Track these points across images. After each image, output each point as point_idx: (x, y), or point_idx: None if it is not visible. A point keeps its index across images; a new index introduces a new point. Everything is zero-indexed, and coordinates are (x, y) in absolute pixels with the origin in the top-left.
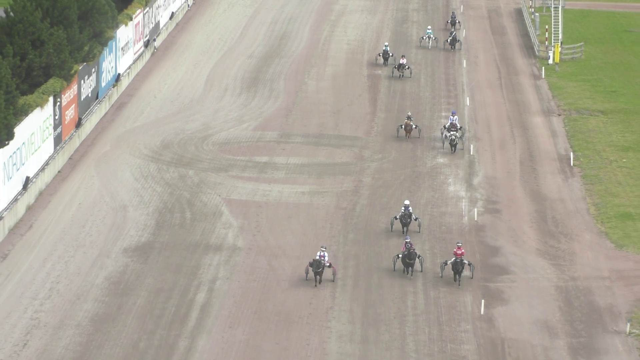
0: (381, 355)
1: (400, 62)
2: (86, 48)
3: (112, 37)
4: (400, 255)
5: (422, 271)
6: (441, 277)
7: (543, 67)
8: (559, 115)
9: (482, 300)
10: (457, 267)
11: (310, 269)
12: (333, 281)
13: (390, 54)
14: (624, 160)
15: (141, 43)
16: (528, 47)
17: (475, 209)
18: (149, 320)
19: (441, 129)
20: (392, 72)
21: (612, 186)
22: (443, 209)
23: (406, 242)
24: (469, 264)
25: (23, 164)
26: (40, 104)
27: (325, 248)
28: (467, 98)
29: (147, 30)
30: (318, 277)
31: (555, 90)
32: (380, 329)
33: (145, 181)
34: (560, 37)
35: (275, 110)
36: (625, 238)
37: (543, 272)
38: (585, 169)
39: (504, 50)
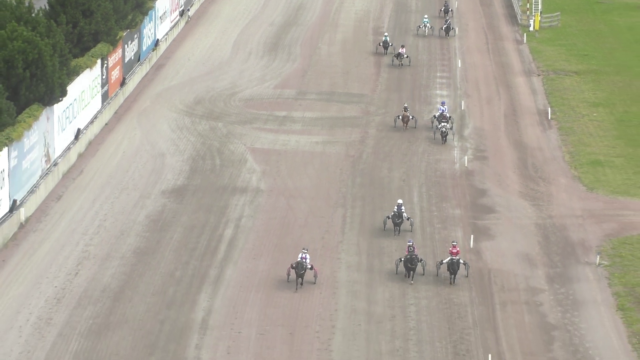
0: (384, 282)
1: (400, 51)
2: (129, 17)
3: (152, 7)
4: (402, 259)
5: (423, 274)
6: (437, 275)
7: (525, 34)
8: (539, 75)
9: (472, 236)
10: (454, 267)
11: (293, 271)
12: (314, 283)
13: (390, 44)
14: (595, 114)
15: (177, 12)
16: (512, 17)
17: (466, 157)
18: (183, 252)
19: (431, 118)
20: (392, 61)
21: (584, 137)
22: (438, 156)
23: (409, 246)
24: (465, 264)
25: (75, 118)
26: (90, 65)
27: (307, 250)
28: (459, 60)
29: (182, 1)
30: (300, 279)
31: (535, 54)
32: (383, 260)
33: (181, 132)
34: (539, 7)
35: (293, 71)
36: (596, 182)
37: (524, 211)
38: (561, 121)
39: (490, 20)
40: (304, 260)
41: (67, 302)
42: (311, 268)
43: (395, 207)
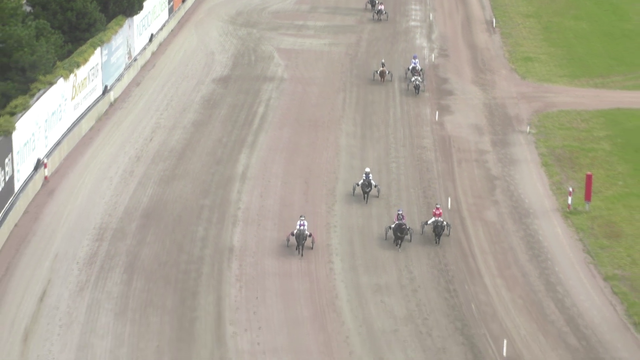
0: (373, 146)
1: (379, 8)
2: None
3: None
4: (392, 227)
5: (410, 241)
6: (421, 234)
7: None
8: None
9: (437, 112)
10: (438, 230)
11: (292, 237)
12: (312, 248)
13: (377, 1)
14: (527, 23)
15: None
16: None
17: (433, 54)
18: (228, 124)
19: (405, 70)
20: (373, 17)
21: (519, 39)
22: (412, 53)
23: (398, 214)
24: (448, 225)
25: (149, 25)
26: None
27: (304, 217)
28: None
29: None
30: (300, 247)
31: None
32: (372, 129)
33: (226, 36)
34: None
35: None
36: (527, 73)
37: (475, 94)
38: (503, 28)
39: None
40: (302, 227)
41: (145, 159)
42: (310, 235)
43: (364, 176)
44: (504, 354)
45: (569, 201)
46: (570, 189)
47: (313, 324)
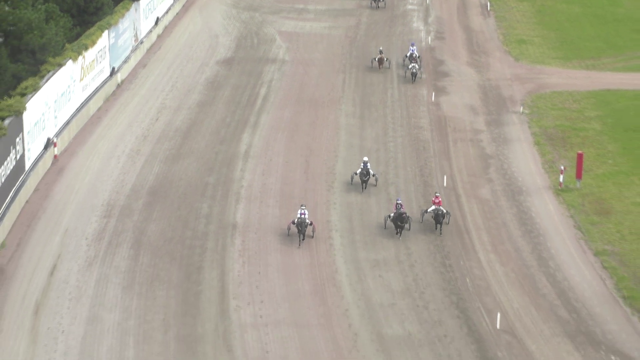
0: (372, 125)
1: None
2: None
3: None
4: (391, 216)
5: (409, 229)
6: (421, 222)
7: None
8: None
9: (433, 92)
10: (439, 218)
11: (293, 226)
12: (312, 237)
13: None
14: (521, 7)
15: None
16: None
17: (429, 37)
18: (232, 105)
19: (403, 58)
20: (370, 4)
21: (513, 23)
22: (410, 36)
23: (397, 204)
24: (448, 213)
25: (155, 9)
26: None
27: (305, 206)
28: None
29: None
30: (302, 235)
31: None
32: (371, 109)
33: (230, 20)
34: None
35: None
36: (521, 55)
37: (470, 75)
38: (497, 12)
39: None
40: (303, 216)
41: (151, 139)
42: (310, 224)
43: (362, 165)
44: (498, 326)
45: (561, 179)
46: (562, 167)
47: (313, 298)
